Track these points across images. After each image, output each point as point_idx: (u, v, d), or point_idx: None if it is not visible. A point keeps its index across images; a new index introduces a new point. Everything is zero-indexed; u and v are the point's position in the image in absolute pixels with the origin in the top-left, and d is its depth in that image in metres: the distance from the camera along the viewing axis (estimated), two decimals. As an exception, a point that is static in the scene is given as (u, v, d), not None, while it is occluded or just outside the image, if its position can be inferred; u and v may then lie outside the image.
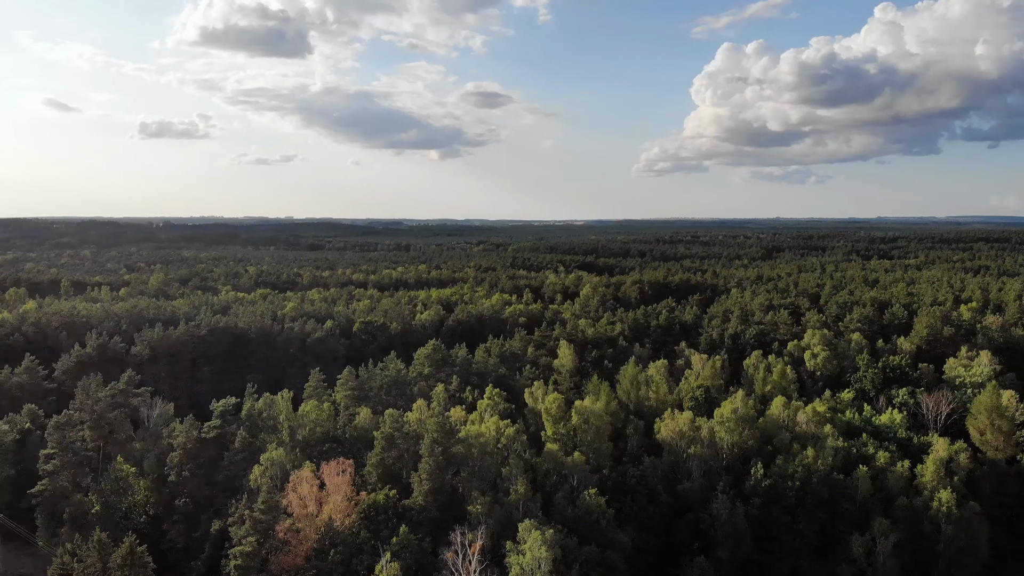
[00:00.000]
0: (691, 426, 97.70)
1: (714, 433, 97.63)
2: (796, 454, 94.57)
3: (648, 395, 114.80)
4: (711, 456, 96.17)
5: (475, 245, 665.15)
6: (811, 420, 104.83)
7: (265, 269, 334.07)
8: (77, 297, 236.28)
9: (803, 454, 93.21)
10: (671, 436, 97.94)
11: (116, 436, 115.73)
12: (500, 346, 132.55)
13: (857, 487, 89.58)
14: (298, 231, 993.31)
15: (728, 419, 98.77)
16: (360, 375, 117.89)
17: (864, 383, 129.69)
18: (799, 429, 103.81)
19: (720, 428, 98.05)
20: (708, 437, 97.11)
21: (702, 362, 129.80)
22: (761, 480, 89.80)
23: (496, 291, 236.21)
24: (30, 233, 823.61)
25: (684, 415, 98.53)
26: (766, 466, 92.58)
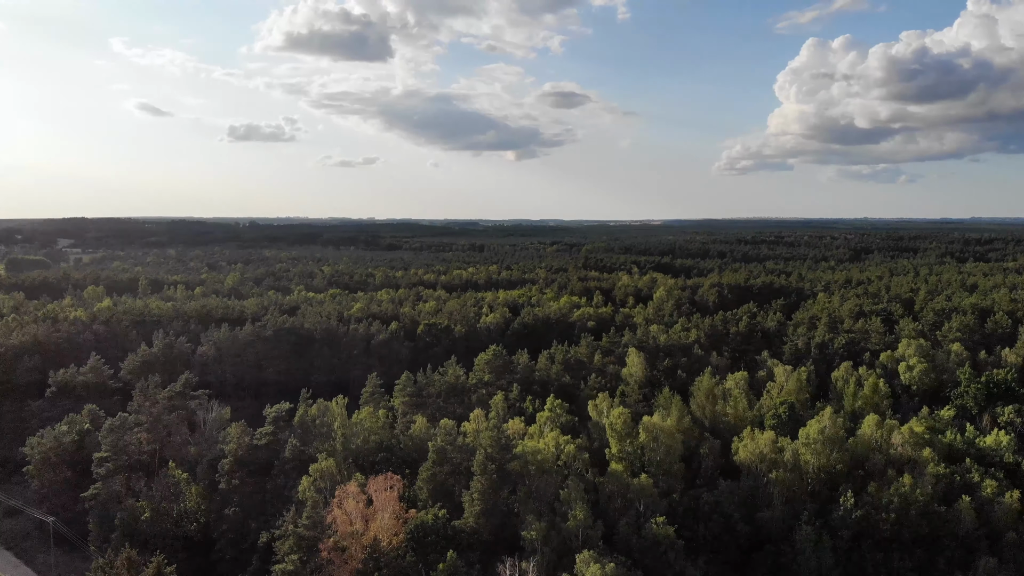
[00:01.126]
0: (773, 447, 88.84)
1: (798, 456, 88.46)
2: (891, 481, 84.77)
3: (725, 410, 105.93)
4: (795, 481, 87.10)
5: (548, 245, 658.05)
6: (907, 442, 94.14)
7: (340, 269, 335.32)
8: (153, 296, 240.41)
9: (899, 481, 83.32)
10: (750, 458, 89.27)
11: (172, 440, 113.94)
12: (564, 352, 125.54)
13: (960, 520, 79.32)
14: (377, 232, 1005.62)
15: (814, 440, 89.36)
16: (418, 380, 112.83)
17: (966, 400, 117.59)
18: (894, 452, 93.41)
19: (805, 450, 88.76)
20: (792, 460, 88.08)
21: (786, 374, 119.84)
22: (851, 510, 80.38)
23: (565, 293, 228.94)
24: (123, 233, 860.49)
25: (765, 435, 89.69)
26: (857, 494, 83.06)
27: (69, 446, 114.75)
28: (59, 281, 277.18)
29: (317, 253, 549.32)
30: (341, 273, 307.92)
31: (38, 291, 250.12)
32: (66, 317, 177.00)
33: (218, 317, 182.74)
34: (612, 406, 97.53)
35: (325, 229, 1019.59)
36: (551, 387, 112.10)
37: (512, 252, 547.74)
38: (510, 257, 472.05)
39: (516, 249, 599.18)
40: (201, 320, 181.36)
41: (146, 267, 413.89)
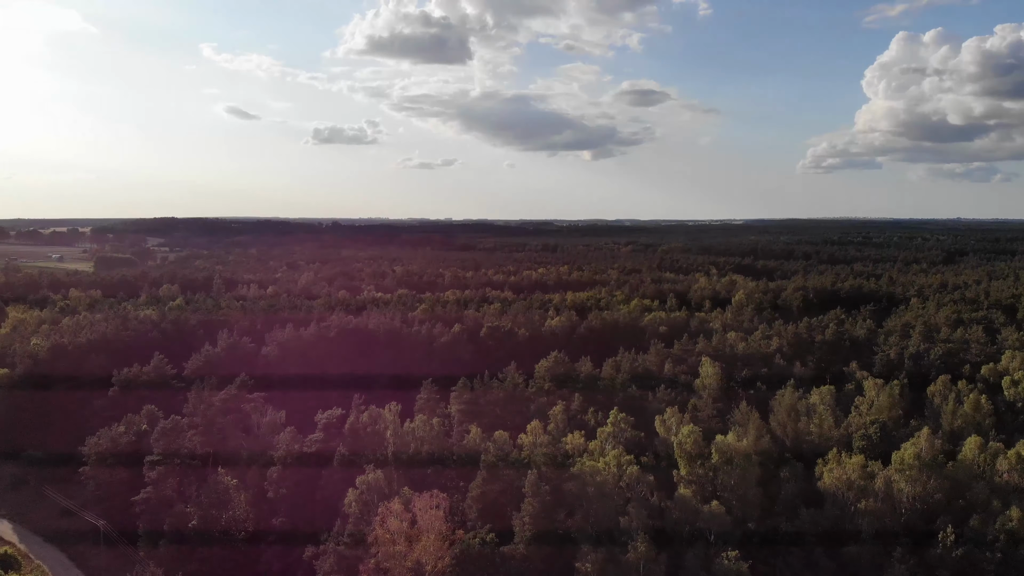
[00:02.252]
0: (862, 473, 79.53)
1: (891, 483, 78.88)
2: (996, 514, 74.49)
3: (809, 429, 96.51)
4: (886, 512, 77.59)
5: (623, 245, 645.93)
6: (1015, 468, 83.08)
7: (411, 269, 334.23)
8: (227, 295, 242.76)
9: (1006, 515, 73.09)
10: (836, 484, 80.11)
11: (226, 443, 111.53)
12: (632, 360, 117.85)
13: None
14: (453, 232, 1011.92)
15: (909, 465, 79.58)
16: (475, 387, 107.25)
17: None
18: (999, 480, 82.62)
19: (899, 477, 79.09)
20: (883, 488, 78.56)
21: (876, 388, 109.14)
22: (951, 547, 70.69)
23: (636, 295, 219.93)
24: (210, 232, 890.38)
25: (854, 459, 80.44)
26: (957, 528, 73.09)
27: (126, 447, 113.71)
28: (137, 279, 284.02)
29: (393, 253, 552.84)
30: (412, 273, 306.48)
31: (116, 288, 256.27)
32: (136, 315, 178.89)
33: (285, 317, 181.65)
34: (682, 422, 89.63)
35: (403, 229, 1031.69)
36: (616, 398, 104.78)
37: (585, 252, 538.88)
38: (582, 258, 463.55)
39: (589, 249, 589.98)
40: (269, 320, 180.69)
41: (227, 265, 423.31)
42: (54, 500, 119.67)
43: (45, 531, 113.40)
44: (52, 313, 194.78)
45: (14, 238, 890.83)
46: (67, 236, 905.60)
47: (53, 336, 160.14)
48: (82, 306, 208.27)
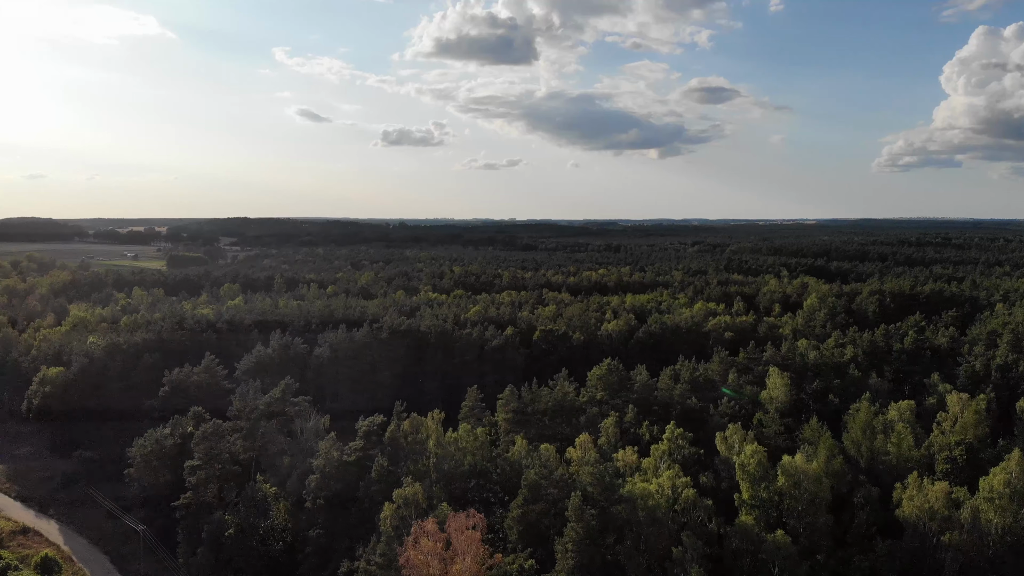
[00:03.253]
0: (946, 501, 71.09)
1: (979, 513, 70.26)
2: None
3: (886, 448, 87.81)
4: (973, 546, 69.13)
5: (690, 246, 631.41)
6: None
7: (470, 270, 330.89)
8: (287, 294, 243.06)
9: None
10: (917, 513, 71.91)
11: (269, 449, 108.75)
12: (692, 369, 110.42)
13: None
14: (516, 232, 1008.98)
15: (999, 493, 70.80)
16: (522, 395, 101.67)
17: None
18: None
19: (987, 507, 70.40)
20: (970, 519, 70.02)
21: (961, 403, 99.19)
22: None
23: (701, 298, 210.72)
24: (281, 232, 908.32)
25: (937, 486, 72.02)
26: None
27: (171, 449, 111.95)
28: (200, 278, 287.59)
29: (455, 253, 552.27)
30: (469, 274, 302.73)
31: (178, 287, 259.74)
32: (193, 315, 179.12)
33: (339, 318, 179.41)
34: (745, 440, 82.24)
35: (466, 229, 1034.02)
36: (673, 410, 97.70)
37: (649, 253, 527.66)
38: (645, 258, 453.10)
39: (654, 250, 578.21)
40: (323, 320, 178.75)
41: (293, 265, 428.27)
42: (103, 501, 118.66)
43: (91, 533, 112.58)
44: (113, 311, 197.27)
45: (93, 237, 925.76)
46: (143, 235, 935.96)
47: (110, 335, 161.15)
48: (143, 305, 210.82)
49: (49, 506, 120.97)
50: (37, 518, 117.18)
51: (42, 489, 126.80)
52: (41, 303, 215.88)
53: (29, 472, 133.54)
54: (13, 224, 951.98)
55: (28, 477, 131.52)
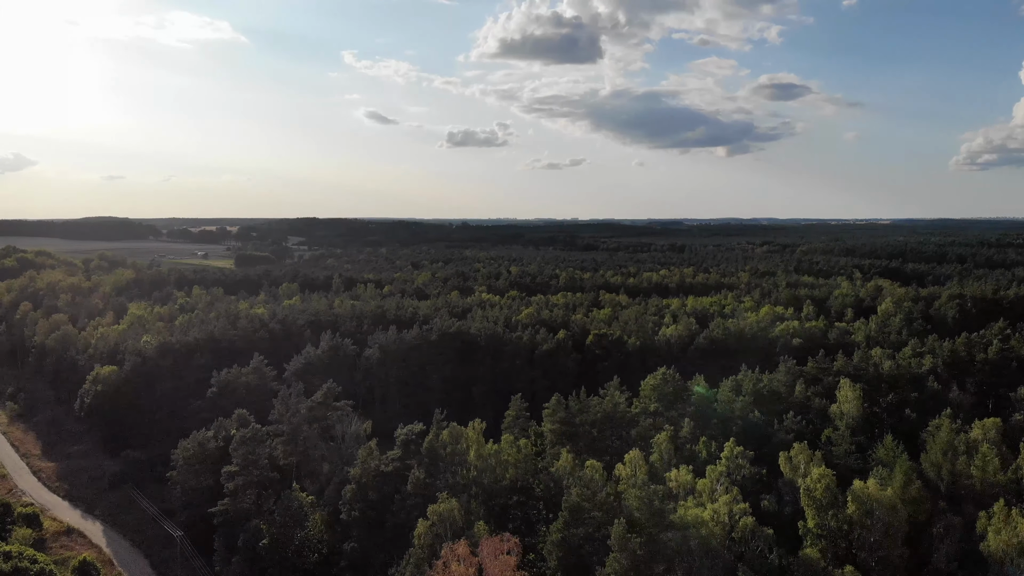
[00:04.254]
0: (1041, 537, 62.62)
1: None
2: None
3: (970, 471, 79.07)
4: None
5: (758, 246, 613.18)
6: None
7: (527, 270, 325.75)
8: (344, 294, 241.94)
9: None
10: (1003, 547, 63.61)
11: (310, 455, 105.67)
12: (755, 380, 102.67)
13: None
14: (577, 232, 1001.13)
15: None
16: (570, 405, 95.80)
17: None
18: None
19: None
20: (1073, 558, 61.49)
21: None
22: None
23: (768, 301, 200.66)
24: (348, 232, 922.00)
25: (1031, 520, 63.54)
26: None
27: (213, 453, 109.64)
28: (260, 277, 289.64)
29: (514, 253, 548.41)
30: (526, 274, 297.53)
31: (238, 286, 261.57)
32: (247, 314, 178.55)
33: (391, 318, 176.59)
34: (812, 461, 74.84)
35: (528, 229, 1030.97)
36: (733, 426, 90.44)
37: (714, 253, 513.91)
38: (711, 259, 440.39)
39: (720, 250, 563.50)
40: (375, 321, 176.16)
41: (355, 264, 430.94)
42: (144, 503, 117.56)
43: (135, 535, 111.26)
44: (171, 310, 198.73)
45: (166, 236, 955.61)
46: (214, 235, 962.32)
47: (163, 334, 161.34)
48: (201, 304, 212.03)
49: (96, 506, 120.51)
50: (83, 519, 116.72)
51: (90, 489, 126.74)
52: (103, 301, 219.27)
53: (80, 471, 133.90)
54: (91, 223, 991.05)
55: (78, 476, 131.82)
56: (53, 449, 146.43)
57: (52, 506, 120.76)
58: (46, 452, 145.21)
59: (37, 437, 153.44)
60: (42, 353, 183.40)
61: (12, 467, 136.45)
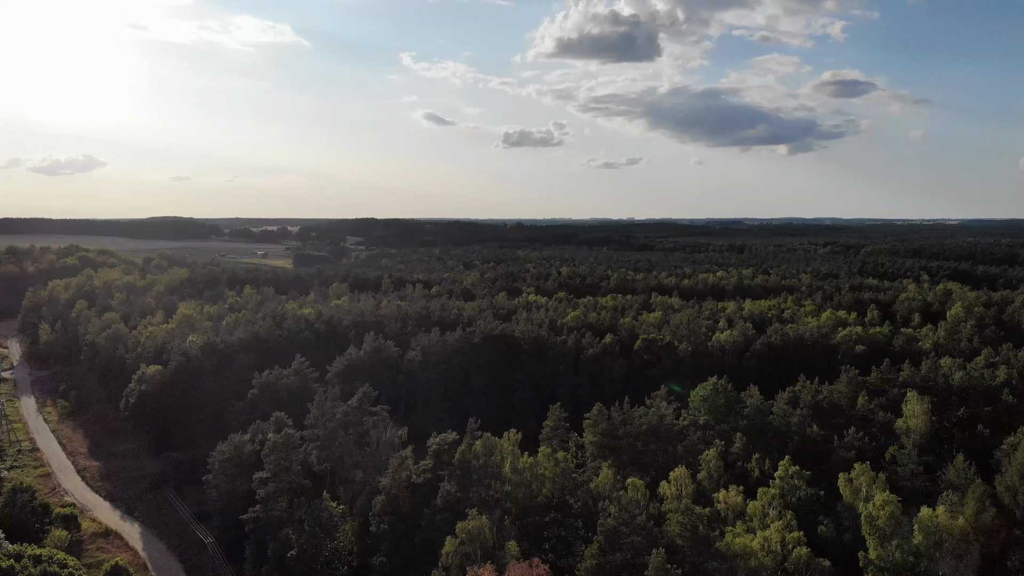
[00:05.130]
0: None
1: None
2: None
3: (1054, 498, 71.45)
4: None
5: (820, 247, 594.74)
6: None
7: (578, 270, 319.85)
8: (392, 294, 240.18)
9: None
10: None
11: (344, 461, 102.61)
12: (814, 391, 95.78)
13: None
14: (633, 232, 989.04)
15: None
16: (612, 415, 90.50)
17: None
18: None
19: None
20: None
21: None
22: None
23: (830, 305, 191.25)
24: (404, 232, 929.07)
25: None
26: None
27: (249, 457, 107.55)
28: (311, 277, 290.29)
29: (567, 253, 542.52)
30: (576, 275, 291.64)
31: (289, 286, 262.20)
32: (293, 313, 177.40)
33: (435, 320, 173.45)
34: (875, 483, 68.36)
35: (582, 229, 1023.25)
36: (789, 441, 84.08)
37: (775, 254, 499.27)
38: (771, 260, 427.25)
39: (781, 250, 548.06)
40: (419, 322, 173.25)
41: (408, 264, 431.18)
42: (179, 506, 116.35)
43: (172, 539, 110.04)
44: (220, 309, 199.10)
45: (228, 235, 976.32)
46: (275, 234, 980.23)
47: (208, 333, 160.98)
48: (251, 303, 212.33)
49: (135, 508, 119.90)
50: (122, 520, 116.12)
51: (131, 489, 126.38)
52: (155, 300, 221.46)
53: (122, 471, 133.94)
54: (157, 223, 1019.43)
55: (120, 476, 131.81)
56: (100, 448, 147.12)
57: (93, 506, 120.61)
58: (93, 451, 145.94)
59: (85, 435, 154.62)
60: (93, 351, 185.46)
61: (58, 465, 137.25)
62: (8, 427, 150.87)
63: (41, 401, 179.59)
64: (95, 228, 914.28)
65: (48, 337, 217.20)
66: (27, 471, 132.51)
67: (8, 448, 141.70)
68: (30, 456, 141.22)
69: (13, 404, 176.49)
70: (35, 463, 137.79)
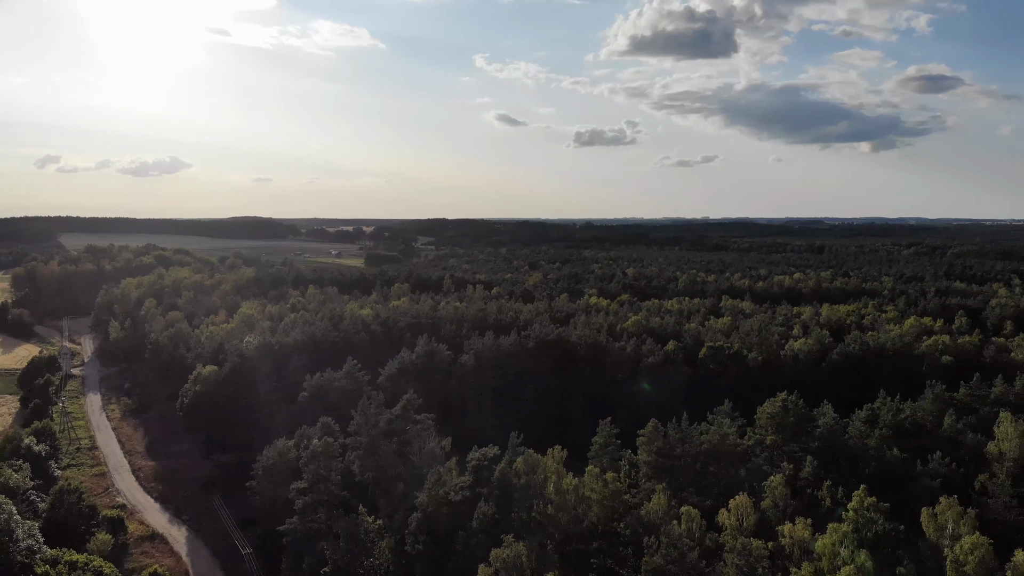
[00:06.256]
0: None
1: None
2: None
3: None
4: None
5: (905, 248, 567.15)
6: None
7: (645, 272, 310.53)
8: (452, 295, 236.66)
9: None
10: None
11: (386, 472, 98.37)
12: (895, 409, 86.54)
13: None
14: (706, 231, 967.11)
15: None
16: (669, 432, 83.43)
17: None
18: None
19: None
20: None
21: None
22: None
23: (913, 312, 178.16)
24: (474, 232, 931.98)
25: None
26: None
27: (292, 463, 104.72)
28: (374, 277, 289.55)
29: (636, 253, 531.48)
30: (641, 276, 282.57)
31: (352, 286, 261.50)
32: (351, 315, 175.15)
33: (491, 322, 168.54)
34: (963, 520, 59.78)
35: (652, 229, 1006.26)
36: (866, 467, 75.55)
37: (856, 255, 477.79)
38: (852, 261, 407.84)
39: (862, 251, 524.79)
40: (475, 325, 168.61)
41: (473, 264, 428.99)
42: (222, 512, 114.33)
43: (217, 544, 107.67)
44: (281, 309, 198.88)
45: (304, 235, 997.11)
46: (350, 235, 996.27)
47: (266, 334, 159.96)
48: (313, 303, 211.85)
49: (184, 511, 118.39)
50: (170, 523, 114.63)
51: (182, 491, 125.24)
52: (220, 299, 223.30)
53: (176, 471, 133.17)
54: (237, 222, 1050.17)
55: (173, 477, 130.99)
56: (157, 448, 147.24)
57: (143, 508, 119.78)
58: (150, 450, 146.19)
59: (144, 434, 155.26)
60: (157, 349, 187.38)
61: (114, 465, 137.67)
62: (69, 425, 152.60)
63: (106, 398, 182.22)
64: (178, 227, 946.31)
65: (117, 335, 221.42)
66: (83, 470, 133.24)
67: (67, 446, 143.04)
68: (88, 454, 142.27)
69: (79, 401, 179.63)
70: (92, 461, 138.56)
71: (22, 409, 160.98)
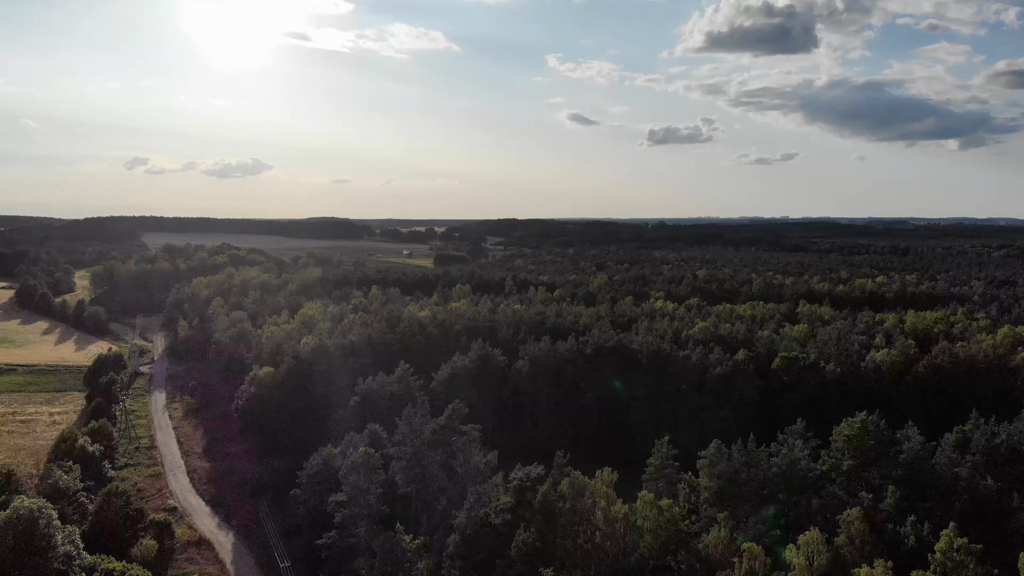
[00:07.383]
0: None
1: None
2: None
3: None
4: None
5: (994, 250, 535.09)
6: None
7: (717, 274, 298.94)
8: (514, 296, 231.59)
9: None
10: None
11: (431, 485, 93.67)
12: (989, 433, 76.89)
13: None
14: (784, 231, 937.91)
15: None
16: (733, 455, 75.92)
17: None
18: None
19: None
20: None
21: None
22: None
23: (1007, 319, 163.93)
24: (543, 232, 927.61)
25: None
26: None
27: (336, 472, 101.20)
28: (436, 278, 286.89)
29: (710, 254, 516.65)
30: (713, 279, 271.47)
31: (415, 287, 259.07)
32: (408, 316, 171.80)
33: (549, 327, 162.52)
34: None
35: (727, 229, 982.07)
36: (957, 500, 66.75)
37: (943, 257, 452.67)
38: (939, 263, 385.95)
39: (950, 253, 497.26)
40: (532, 329, 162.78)
41: (539, 264, 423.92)
42: (265, 519, 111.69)
43: (262, 552, 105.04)
44: (342, 310, 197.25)
45: (378, 235, 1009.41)
46: (422, 235, 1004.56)
47: (323, 335, 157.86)
48: (375, 304, 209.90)
49: (233, 515, 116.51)
50: (218, 528, 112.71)
51: (233, 495, 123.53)
52: (285, 299, 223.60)
53: (229, 474, 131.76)
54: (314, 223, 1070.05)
55: (226, 480, 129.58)
56: (214, 449, 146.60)
57: (194, 511, 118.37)
58: (207, 451, 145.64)
59: (204, 435, 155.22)
60: (220, 348, 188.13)
61: (170, 465, 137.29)
62: (129, 424, 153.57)
63: (171, 397, 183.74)
64: (257, 227, 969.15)
65: (185, 333, 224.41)
66: (139, 470, 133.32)
67: (127, 445, 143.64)
68: (146, 454, 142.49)
69: (144, 399, 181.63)
70: (149, 461, 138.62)
71: (87, 407, 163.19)
